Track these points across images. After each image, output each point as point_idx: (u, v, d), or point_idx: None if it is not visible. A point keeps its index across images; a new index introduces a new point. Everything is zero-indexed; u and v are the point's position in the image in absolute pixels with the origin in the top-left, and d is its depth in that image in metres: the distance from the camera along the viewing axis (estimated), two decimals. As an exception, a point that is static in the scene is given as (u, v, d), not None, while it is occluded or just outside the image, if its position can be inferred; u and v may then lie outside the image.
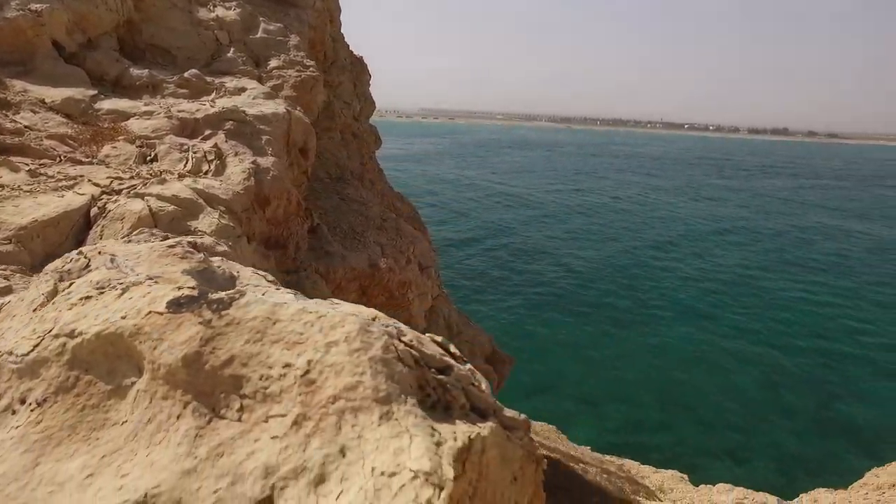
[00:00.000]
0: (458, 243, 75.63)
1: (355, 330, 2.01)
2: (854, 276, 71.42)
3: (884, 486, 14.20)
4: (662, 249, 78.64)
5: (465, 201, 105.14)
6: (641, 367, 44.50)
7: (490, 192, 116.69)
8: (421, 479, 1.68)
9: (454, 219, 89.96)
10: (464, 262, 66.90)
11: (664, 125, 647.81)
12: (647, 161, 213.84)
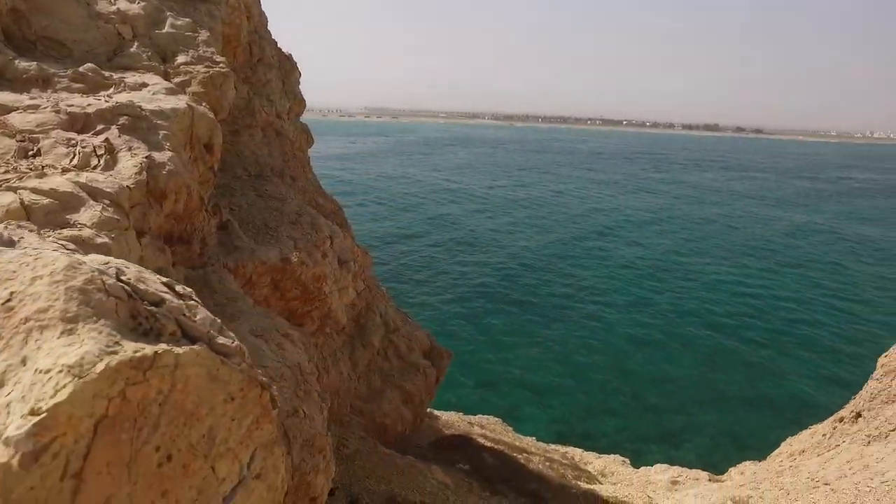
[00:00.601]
0: (403, 239, 75.53)
1: (62, 266, 2.22)
2: (775, 259, 75.73)
3: (795, 453, 15.24)
4: (603, 240, 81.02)
5: (410, 198, 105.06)
6: (586, 355, 45.73)
7: (434, 188, 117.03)
8: (65, 371, 1.94)
9: (398, 215, 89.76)
10: (409, 258, 66.87)
11: (603, 122, 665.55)
12: (587, 156, 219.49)
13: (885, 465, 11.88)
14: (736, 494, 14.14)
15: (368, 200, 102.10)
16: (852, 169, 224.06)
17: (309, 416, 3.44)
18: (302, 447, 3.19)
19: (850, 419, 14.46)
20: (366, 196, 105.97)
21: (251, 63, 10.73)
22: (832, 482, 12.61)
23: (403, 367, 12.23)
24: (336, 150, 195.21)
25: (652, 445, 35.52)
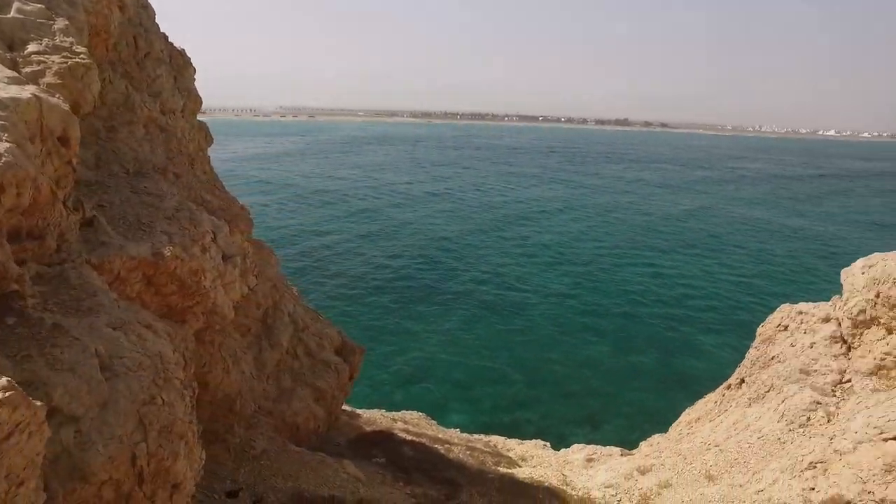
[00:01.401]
0: (322, 237, 74.24)
1: None
2: (680, 243, 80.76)
3: (692, 421, 16.46)
4: (522, 232, 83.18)
5: (329, 196, 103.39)
6: (509, 348, 46.88)
7: (353, 186, 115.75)
8: None
9: (317, 213, 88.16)
10: (329, 255, 65.86)
11: (520, 118, 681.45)
12: (505, 152, 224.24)
13: (762, 422, 13.08)
14: (641, 464, 15.08)
15: (287, 200, 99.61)
16: (744, 160, 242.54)
17: (168, 403, 3.38)
18: (159, 434, 3.14)
19: (736, 385, 15.78)
20: (284, 195, 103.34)
21: (137, 57, 10.25)
22: (721, 443, 13.73)
23: (314, 365, 12.11)
24: (253, 150, 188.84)
25: (575, 428, 37.01)
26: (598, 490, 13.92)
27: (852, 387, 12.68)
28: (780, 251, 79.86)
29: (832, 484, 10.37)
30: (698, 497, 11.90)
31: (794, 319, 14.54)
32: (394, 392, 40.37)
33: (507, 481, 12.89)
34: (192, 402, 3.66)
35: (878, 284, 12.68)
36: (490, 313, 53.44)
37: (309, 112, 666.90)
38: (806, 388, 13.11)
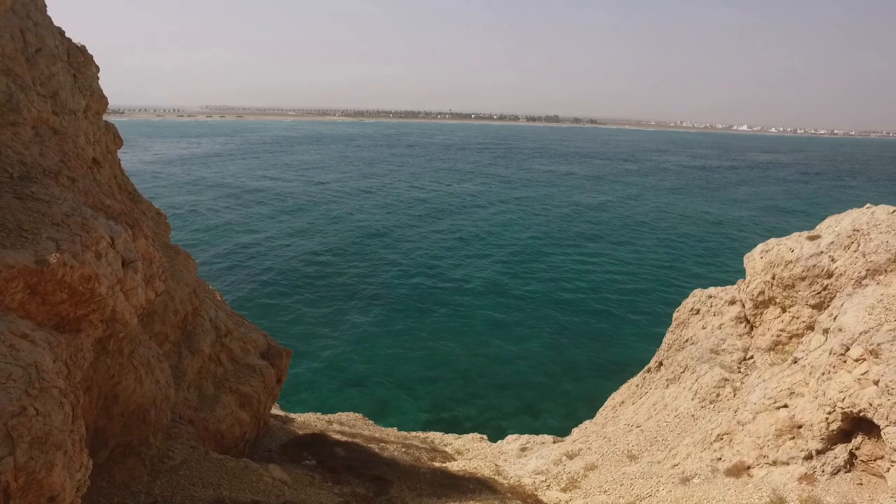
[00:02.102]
0: (253, 239, 72.15)
1: None
2: (609, 235, 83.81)
3: (616, 405, 17.24)
4: (455, 230, 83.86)
5: (260, 198, 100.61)
6: (447, 344, 47.23)
7: (285, 187, 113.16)
8: None
9: (251, 217, 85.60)
10: (264, 260, 64.12)
11: (453, 115, 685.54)
12: (438, 150, 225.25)
13: (678, 401, 13.86)
14: (569, 449, 15.63)
15: (217, 201, 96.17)
16: (666, 153, 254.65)
17: (43, 413, 3.25)
18: (31, 446, 3.01)
19: (655, 368, 16.63)
20: (214, 196, 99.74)
21: (26, 53, 9.66)
22: (642, 424, 14.44)
23: (239, 371, 11.81)
24: (180, 151, 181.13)
25: (514, 420, 37.78)
26: (529, 477, 14.33)
27: (754, 362, 13.65)
28: (698, 238, 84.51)
29: (735, 452, 11.16)
30: (621, 476, 12.49)
31: (705, 303, 15.49)
32: (333, 394, 39.94)
33: (439, 475, 13.06)
34: (74, 410, 3.51)
35: (773, 267, 13.70)
36: (427, 310, 53.67)
37: (236, 112, 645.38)
38: (716, 366, 14.01)
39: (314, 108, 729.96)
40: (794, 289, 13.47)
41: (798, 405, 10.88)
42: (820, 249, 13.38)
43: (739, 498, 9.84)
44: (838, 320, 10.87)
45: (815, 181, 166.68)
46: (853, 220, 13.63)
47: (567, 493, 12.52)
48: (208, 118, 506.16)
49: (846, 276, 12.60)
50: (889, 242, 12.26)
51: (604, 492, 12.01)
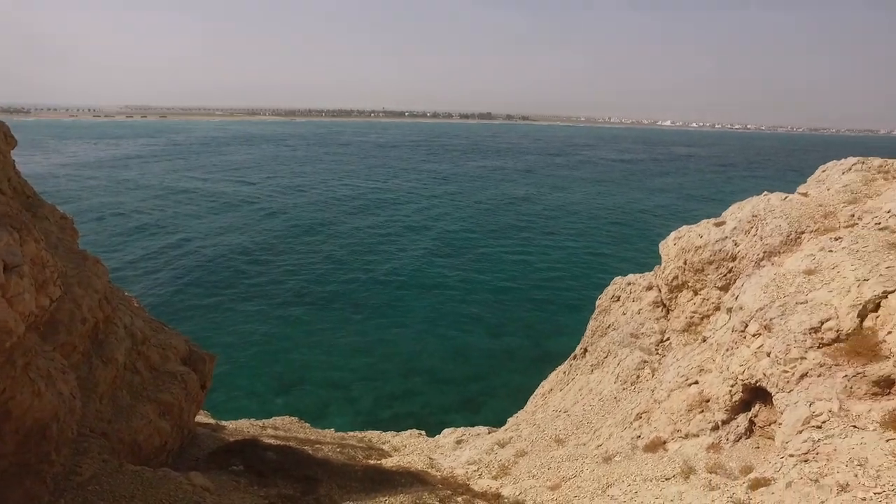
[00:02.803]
0: (179, 245, 69.12)
1: None
2: (540, 228, 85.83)
3: (545, 392, 17.78)
4: (392, 228, 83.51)
5: (189, 200, 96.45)
6: (384, 343, 46.99)
7: (215, 189, 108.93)
8: None
9: (179, 221, 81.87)
10: (194, 265, 61.62)
11: (386, 113, 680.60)
12: (371, 148, 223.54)
13: (602, 385, 14.45)
14: (501, 438, 15.97)
15: (139, 205, 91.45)
16: (595, 147, 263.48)
17: None
18: None
19: (580, 355, 17.25)
20: (135, 200, 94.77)
21: None
22: (569, 409, 14.95)
23: (158, 379, 11.35)
24: (97, 154, 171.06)
25: (455, 414, 38.09)
26: (462, 468, 14.55)
27: (671, 343, 14.42)
28: (626, 226, 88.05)
29: (653, 429, 11.75)
30: (549, 460, 12.89)
31: (625, 290, 16.20)
32: (272, 399, 39.05)
33: (372, 472, 13.05)
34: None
35: (685, 253, 14.50)
36: (365, 307, 53.25)
37: (159, 111, 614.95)
38: (636, 349, 14.69)
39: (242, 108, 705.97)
40: (703, 272, 14.31)
41: (706, 381, 11.59)
42: (725, 235, 14.28)
43: (655, 471, 10.39)
44: (739, 299, 11.64)
45: (728, 171, 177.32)
46: (753, 206, 14.61)
47: (498, 481, 12.80)
48: (128, 118, 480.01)
49: (747, 259, 13.51)
50: (781, 226, 13.23)
51: (532, 476, 12.37)
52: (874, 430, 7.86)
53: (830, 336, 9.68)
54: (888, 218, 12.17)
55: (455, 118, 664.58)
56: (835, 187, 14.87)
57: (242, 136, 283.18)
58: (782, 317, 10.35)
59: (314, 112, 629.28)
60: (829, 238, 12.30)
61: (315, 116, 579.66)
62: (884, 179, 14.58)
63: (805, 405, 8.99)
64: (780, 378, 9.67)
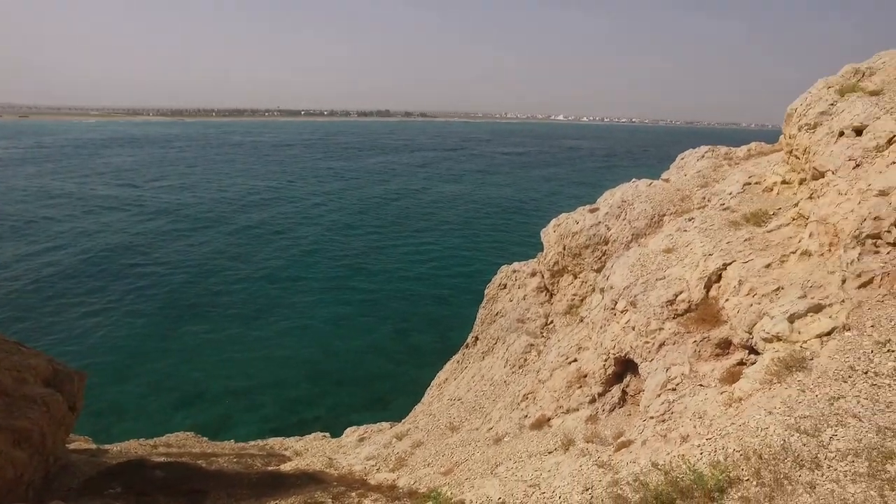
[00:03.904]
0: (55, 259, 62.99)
1: None
2: (438, 224, 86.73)
3: (441, 382, 18.17)
4: (288, 231, 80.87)
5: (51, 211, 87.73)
6: (289, 347, 45.65)
7: (85, 197, 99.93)
8: None
9: (48, 231, 74.42)
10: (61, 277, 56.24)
11: (281, 112, 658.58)
12: (266, 148, 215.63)
13: (493, 371, 14.98)
14: (399, 431, 16.11)
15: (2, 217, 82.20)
16: (491, 143, 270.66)
17: None
18: None
19: (472, 343, 17.76)
20: None
21: None
22: (463, 396, 15.35)
23: (12, 404, 10.32)
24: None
25: (364, 413, 37.70)
26: (361, 464, 14.53)
27: (554, 326, 15.21)
28: (518, 216, 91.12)
29: (539, 408, 12.36)
30: (443, 447, 13.18)
31: (511, 277, 16.87)
32: (166, 417, 36.76)
33: (266, 478, 12.72)
34: None
35: (563, 239, 15.33)
36: (263, 313, 51.40)
37: (18, 111, 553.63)
38: (523, 334, 15.34)
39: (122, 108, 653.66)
40: (581, 257, 15.21)
41: (584, 358, 12.35)
42: (598, 220, 15.24)
43: (539, 447, 10.94)
44: (609, 279, 12.49)
45: (614, 161, 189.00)
46: (622, 192, 15.70)
47: (395, 473, 12.92)
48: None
49: (618, 242, 14.52)
50: (646, 210, 14.33)
51: (428, 465, 12.60)
52: (715, 387, 8.77)
53: (683, 307, 10.64)
54: (729, 199, 13.54)
55: (353, 116, 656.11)
56: (690, 173, 16.30)
57: (123, 137, 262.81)
58: (644, 293, 11.24)
59: (203, 112, 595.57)
60: (685, 219, 13.49)
61: (205, 116, 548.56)
62: (728, 165, 16.18)
63: (663, 371, 9.84)
64: (643, 349, 10.50)
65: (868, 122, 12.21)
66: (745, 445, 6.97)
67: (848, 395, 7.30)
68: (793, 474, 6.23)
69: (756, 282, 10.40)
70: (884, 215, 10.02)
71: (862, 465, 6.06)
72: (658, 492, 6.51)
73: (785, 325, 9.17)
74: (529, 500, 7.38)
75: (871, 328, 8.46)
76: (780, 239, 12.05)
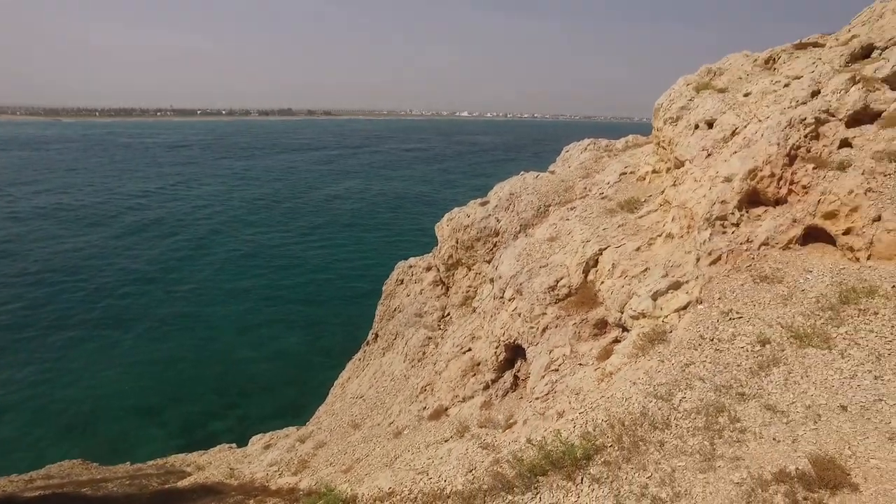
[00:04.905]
0: None
1: None
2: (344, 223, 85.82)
3: (344, 382, 18.15)
4: (184, 236, 76.55)
5: None
6: (192, 360, 43.34)
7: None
8: None
9: None
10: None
11: (175, 112, 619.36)
12: (159, 149, 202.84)
13: (394, 366, 15.15)
14: (302, 434, 15.91)
15: None
16: (392, 140, 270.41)
17: None
18: None
19: (373, 340, 17.85)
20: None
21: None
22: (365, 393, 15.41)
23: None
24: None
25: (276, 421, 36.51)
26: (263, 470, 14.23)
27: (451, 318, 15.62)
28: (418, 212, 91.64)
29: (436, 399, 12.68)
30: (346, 446, 13.19)
31: (407, 273, 17.11)
32: (55, 445, 33.88)
33: (160, 497, 12.15)
34: None
35: (456, 232, 15.76)
36: (162, 326, 48.50)
37: None
38: (420, 328, 15.63)
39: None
40: (473, 249, 15.70)
41: (477, 347, 12.80)
42: (488, 213, 15.79)
43: (436, 436, 11.24)
44: (498, 269, 13.02)
45: (513, 154, 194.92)
46: (511, 185, 16.35)
47: (297, 476, 12.77)
48: None
49: (508, 233, 15.13)
50: (533, 201, 15.04)
51: (330, 464, 12.57)
52: (591, 365, 9.44)
53: (564, 292, 11.32)
54: (607, 188, 14.51)
55: (254, 115, 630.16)
56: (574, 165, 17.25)
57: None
58: (529, 280, 11.83)
59: (85, 111, 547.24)
60: (567, 208, 14.30)
61: (87, 116, 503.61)
62: (608, 156, 17.29)
63: (547, 354, 10.44)
64: (529, 334, 11.07)
65: (717, 116, 13.55)
66: (612, 415, 7.62)
67: (697, 361, 8.16)
68: (647, 436, 6.91)
69: (627, 264, 11.27)
70: (728, 199, 11.19)
71: (701, 421, 6.83)
72: (532, 465, 6.97)
73: (649, 302, 10.03)
74: (416, 487, 7.62)
75: (718, 300, 9.47)
76: (649, 223, 13.09)
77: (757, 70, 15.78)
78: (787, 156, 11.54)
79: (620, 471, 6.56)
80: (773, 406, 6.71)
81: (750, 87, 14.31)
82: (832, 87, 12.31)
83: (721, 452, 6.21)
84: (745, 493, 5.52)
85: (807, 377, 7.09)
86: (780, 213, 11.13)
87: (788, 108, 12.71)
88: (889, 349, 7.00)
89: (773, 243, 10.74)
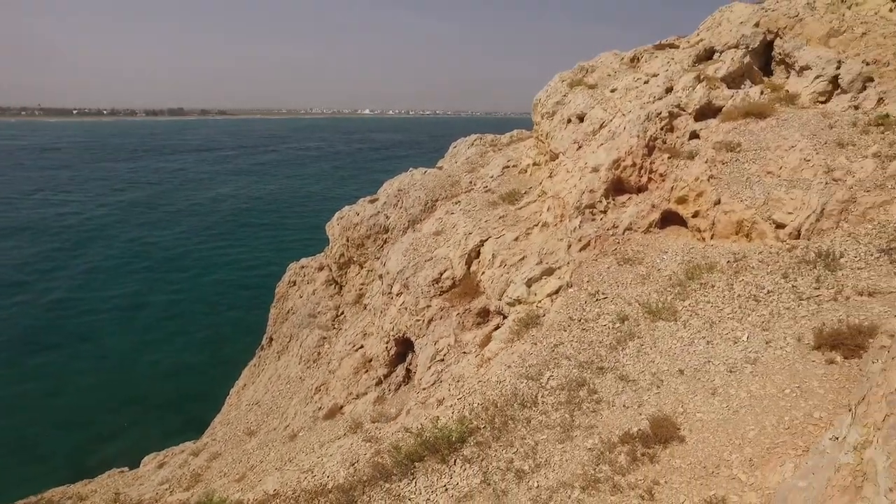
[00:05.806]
0: None
1: None
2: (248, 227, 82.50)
3: (240, 389, 17.60)
4: (60, 249, 70.37)
5: None
6: (83, 380, 39.80)
7: None
8: None
9: None
10: None
11: (44, 111, 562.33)
12: (27, 153, 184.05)
13: (289, 369, 14.91)
14: (196, 447, 15.29)
15: None
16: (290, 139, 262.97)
17: None
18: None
19: (267, 345, 17.45)
20: None
21: None
22: (261, 399, 15.05)
23: None
24: None
25: (179, 438, 34.22)
26: (153, 490, 13.54)
27: (345, 317, 15.59)
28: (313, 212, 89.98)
29: (331, 398, 12.65)
30: (241, 454, 12.84)
31: (299, 274, 16.85)
32: None
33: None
34: None
35: (346, 231, 15.73)
36: (43, 346, 44.24)
37: None
38: (315, 328, 15.47)
39: None
40: (363, 247, 15.75)
41: (369, 343, 12.90)
42: (377, 210, 15.89)
43: (330, 435, 11.22)
44: (386, 265, 13.17)
45: (410, 151, 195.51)
46: (400, 181, 16.53)
47: (189, 491, 12.29)
48: None
49: (397, 229, 15.31)
50: (420, 197, 15.31)
51: (224, 475, 12.19)
52: (473, 352, 9.84)
53: (448, 283, 11.67)
54: (491, 181, 15.06)
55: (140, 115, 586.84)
56: (460, 160, 17.72)
57: None
58: (415, 274, 12.07)
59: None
60: (453, 202, 14.70)
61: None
62: (493, 151, 17.91)
63: (432, 345, 10.73)
64: (416, 327, 11.32)
65: (587, 110, 14.49)
66: (487, 398, 8.03)
67: (565, 341, 8.77)
68: (517, 414, 7.37)
69: (506, 254, 11.80)
70: (596, 188, 12.03)
71: (564, 396, 7.37)
72: (409, 452, 7.21)
73: (524, 289, 10.60)
74: (300, 486, 7.62)
75: (586, 283, 10.19)
76: (528, 214, 13.76)
77: (623, 68, 16.98)
78: (646, 147, 12.57)
79: (490, 449, 6.96)
80: (625, 376, 7.38)
81: (616, 83, 15.38)
82: (682, 85, 13.55)
83: (579, 423, 6.77)
84: (596, 456, 6.08)
85: (655, 347, 7.85)
86: (642, 200, 12.13)
87: (647, 102, 13.81)
88: (720, 317, 7.89)
89: (635, 227, 11.68)
